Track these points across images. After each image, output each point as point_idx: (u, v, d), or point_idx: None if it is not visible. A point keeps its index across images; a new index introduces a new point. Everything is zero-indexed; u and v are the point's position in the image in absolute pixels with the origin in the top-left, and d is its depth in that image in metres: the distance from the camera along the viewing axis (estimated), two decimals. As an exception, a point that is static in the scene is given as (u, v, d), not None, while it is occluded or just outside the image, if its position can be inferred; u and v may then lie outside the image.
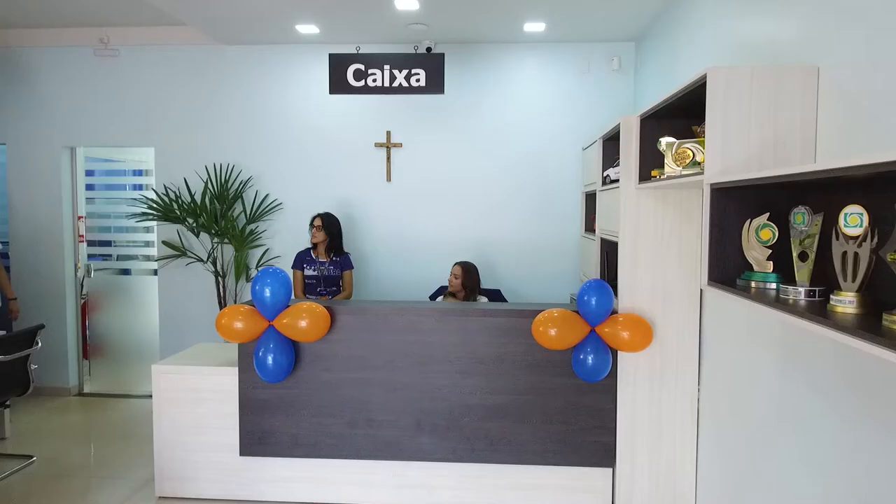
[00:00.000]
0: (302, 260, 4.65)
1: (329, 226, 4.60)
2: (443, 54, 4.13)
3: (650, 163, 3.15)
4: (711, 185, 2.09)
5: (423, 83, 4.05)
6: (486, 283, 4.78)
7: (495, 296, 4.64)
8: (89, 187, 5.68)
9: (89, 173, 5.67)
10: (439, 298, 4.54)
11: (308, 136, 5.28)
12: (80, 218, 5.59)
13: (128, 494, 3.62)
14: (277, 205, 5.25)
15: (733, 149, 2.17)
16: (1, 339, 3.80)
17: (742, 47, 2.89)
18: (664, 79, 4.31)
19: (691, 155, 2.56)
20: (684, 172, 2.52)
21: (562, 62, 5.15)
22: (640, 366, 3.27)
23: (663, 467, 3.31)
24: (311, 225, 4.62)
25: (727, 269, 2.09)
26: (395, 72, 4.02)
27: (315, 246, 4.64)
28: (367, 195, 5.29)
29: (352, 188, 5.29)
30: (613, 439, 3.31)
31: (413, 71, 4.03)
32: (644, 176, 3.15)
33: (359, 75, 4.07)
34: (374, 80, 4.05)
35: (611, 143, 3.94)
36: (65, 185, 5.45)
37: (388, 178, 5.29)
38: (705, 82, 2.19)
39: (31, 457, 4.09)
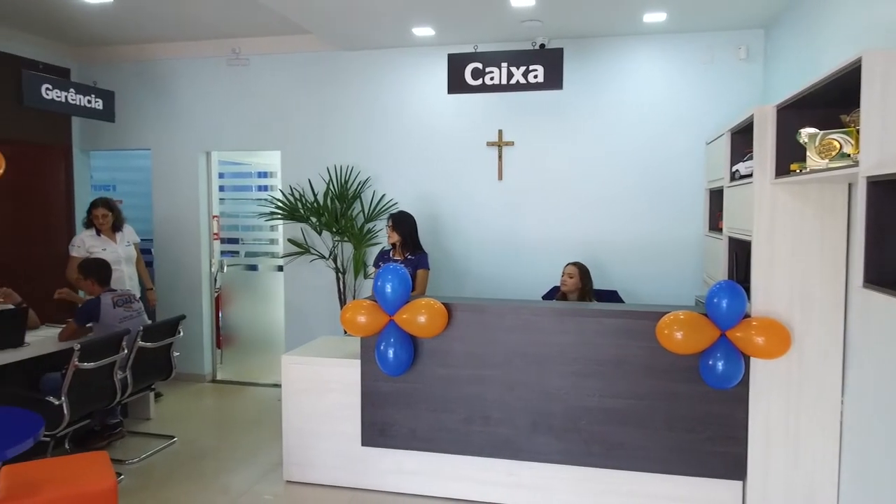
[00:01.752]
0: (381, 259, 4.72)
1: (400, 225, 4.54)
2: (561, 49, 4.07)
3: (787, 156, 2.95)
4: (868, 178, 1.92)
5: (541, 79, 4.00)
6: (598, 284, 4.66)
7: (611, 297, 4.52)
8: (220, 188, 6.12)
9: (220, 175, 6.11)
10: (552, 299, 4.47)
11: (422, 136, 5.39)
12: (214, 217, 6.02)
13: (258, 477, 3.86)
14: (393, 204, 5.40)
15: (893, 138, 1.97)
16: (148, 328, 4.16)
17: (891, 31, 2.63)
18: (800, 67, 4.00)
19: (838, 146, 2.36)
20: (831, 165, 2.33)
21: (683, 53, 4.92)
22: (776, 374, 3.06)
23: (800, 485, 3.08)
24: (387, 225, 4.64)
25: (886, 270, 1.91)
26: (513, 69, 4.00)
27: (394, 245, 4.68)
28: (478, 194, 5.32)
29: (463, 187, 5.34)
30: (744, 451, 3.12)
31: (531, 67, 4.00)
32: (781, 170, 2.94)
33: (476, 74, 4.09)
34: (492, 79, 4.05)
35: (740, 136, 3.72)
36: (201, 186, 5.89)
37: (500, 177, 5.29)
38: (858, 67, 2.01)
39: (173, 437, 4.45)
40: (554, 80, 4.06)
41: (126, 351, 3.92)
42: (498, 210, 5.30)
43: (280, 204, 5.34)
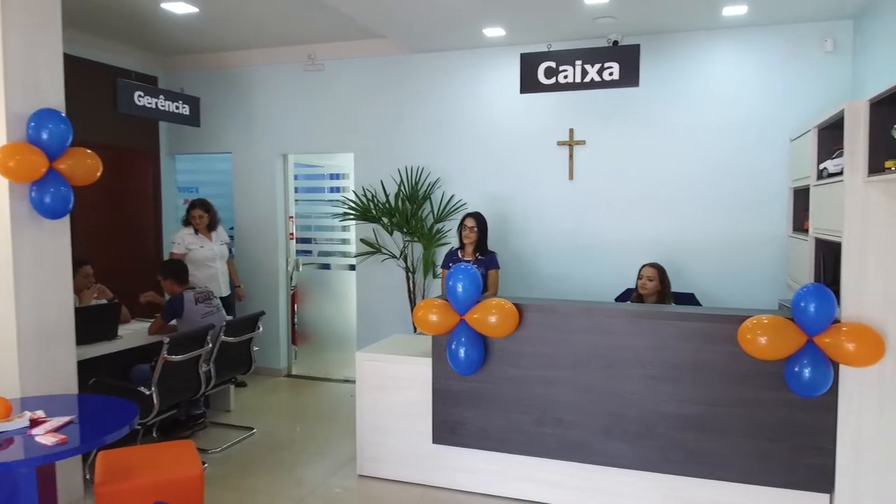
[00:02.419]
0: (449, 259, 4.74)
1: (481, 224, 4.61)
2: (638, 45, 3.99)
3: (880, 153, 2.80)
4: (978, 176, 1.80)
5: (616, 76, 3.93)
6: (674, 286, 4.53)
7: (688, 299, 4.39)
8: (295, 190, 6.32)
9: (294, 178, 6.31)
10: (627, 301, 4.38)
11: (492, 136, 5.40)
12: (290, 217, 6.23)
13: (332, 470, 3.96)
14: (462, 205, 5.43)
15: None
16: (230, 324, 4.35)
17: None
18: (894, 59, 3.78)
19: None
20: (934, 163, 2.19)
21: (764, 47, 4.73)
22: (868, 382, 2.90)
23: (893, 499, 2.90)
24: (462, 225, 4.64)
25: None
26: (587, 67, 3.94)
27: (463, 246, 4.68)
28: (547, 194, 5.29)
29: (533, 187, 5.32)
30: (832, 462, 2.97)
31: (606, 65, 3.93)
32: (874, 168, 2.79)
33: (549, 73, 4.06)
34: (566, 77, 4.01)
35: (828, 133, 3.55)
36: (278, 188, 6.11)
37: (570, 177, 5.23)
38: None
39: (252, 429, 4.63)
40: (630, 77, 3.98)
41: (210, 345, 4.11)
42: (568, 210, 5.25)
43: (353, 205, 5.47)
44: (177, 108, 5.18)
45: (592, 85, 4.03)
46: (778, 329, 2.84)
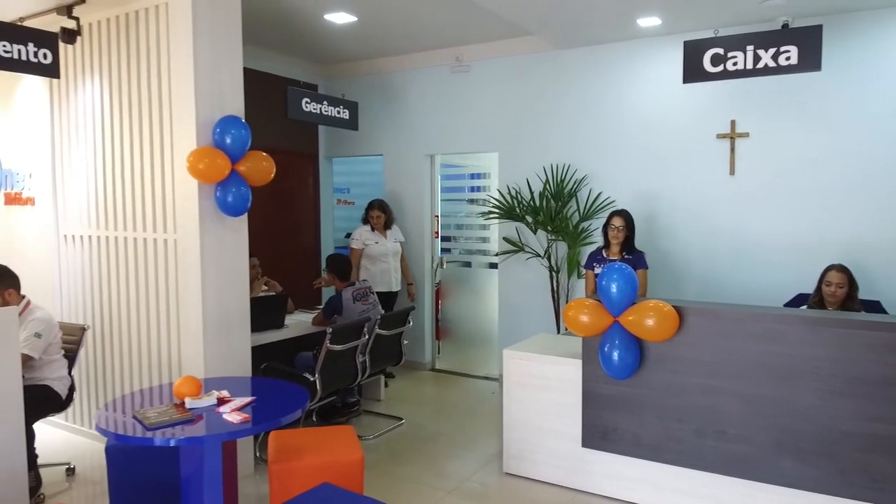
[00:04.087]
0: (593, 259, 4.56)
1: (629, 223, 4.45)
2: (820, 26, 3.62)
3: None
4: None
5: (794, 61, 3.58)
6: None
7: (873, 308, 3.93)
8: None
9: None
10: (801, 308, 4.00)
11: (643, 131, 5.19)
12: (434, 216, 6.39)
13: (478, 465, 4.01)
14: (611, 202, 5.26)
15: None
16: (384, 317, 4.54)
17: None
18: None
19: None
20: None
21: (974, 20, 4.12)
22: None
23: None
24: (609, 224, 4.47)
25: None
26: (760, 52, 3.64)
27: (608, 244, 4.49)
28: (705, 190, 4.98)
29: (688, 183, 5.04)
30: None
31: (782, 49, 3.60)
32: None
33: (717, 60, 3.80)
34: (735, 64, 3.73)
35: None
36: (425, 188, 6.29)
37: (732, 172, 4.89)
38: None
39: (401, 419, 4.81)
40: (811, 61, 3.61)
41: (367, 336, 4.32)
42: (727, 207, 4.91)
43: (497, 203, 5.49)
44: (338, 112, 5.51)
45: (766, 71, 3.71)
46: None
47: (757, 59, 3.69)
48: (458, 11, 4.78)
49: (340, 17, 4.90)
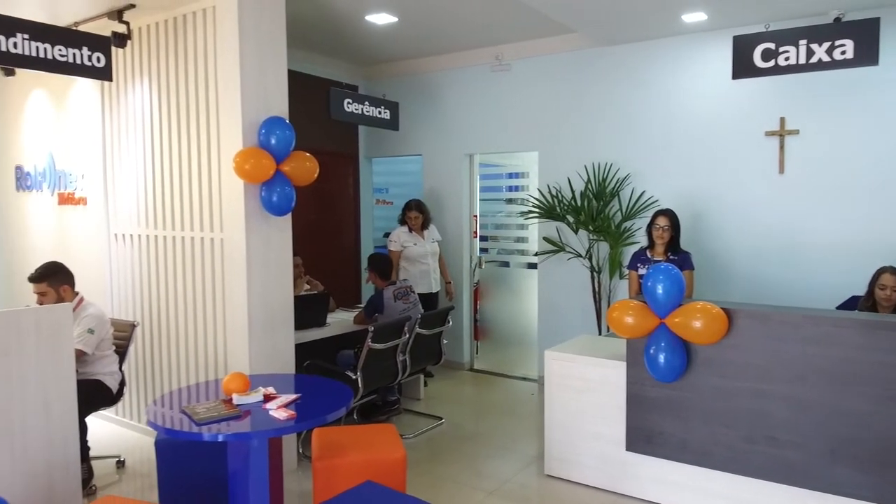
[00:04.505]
0: (637, 259, 4.47)
1: (674, 223, 4.33)
2: (878, 18, 3.49)
3: None
4: None
5: (850, 55, 3.46)
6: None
7: (931, 311, 3.77)
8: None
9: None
10: (854, 311, 3.86)
11: (688, 129, 5.08)
12: (473, 216, 6.38)
13: (519, 467, 3.98)
14: (654, 202, 5.17)
15: None
16: (424, 317, 4.55)
17: None
18: None
19: None
20: None
21: None
22: None
23: None
24: (653, 224, 4.37)
25: None
26: (814, 46, 3.52)
27: (652, 245, 4.40)
28: (753, 189, 4.85)
29: (735, 182, 4.91)
30: None
31: (837, 42, 3.48)
32: None
33: (768, 55, 3.69)
34: (787, 59, 3.61)
35: None
36: (464, 187, 6.28)
37: (781, 170, 4.75)
38: None
39: (441, 418, 4.81)
40: (868, 55, 3.48)
41: (407, 336, 4.34)
42: (776, 207, 4.78)
43: (538, 203, 5.45)
44: (379, 112, 5.54)
45: (820, 66, 3.59)
46: None
47: (810, 53, 3.57)
48: (500, 10, 4.76)
49: (382, 18, 4.93)
